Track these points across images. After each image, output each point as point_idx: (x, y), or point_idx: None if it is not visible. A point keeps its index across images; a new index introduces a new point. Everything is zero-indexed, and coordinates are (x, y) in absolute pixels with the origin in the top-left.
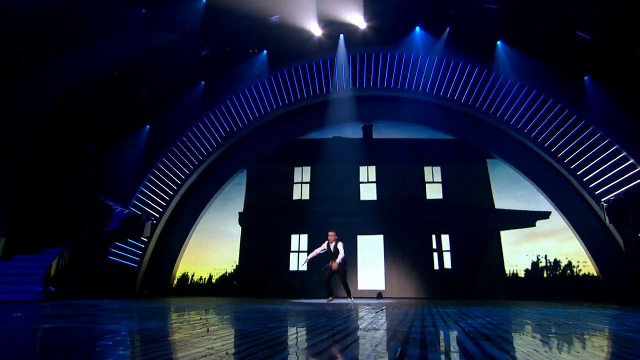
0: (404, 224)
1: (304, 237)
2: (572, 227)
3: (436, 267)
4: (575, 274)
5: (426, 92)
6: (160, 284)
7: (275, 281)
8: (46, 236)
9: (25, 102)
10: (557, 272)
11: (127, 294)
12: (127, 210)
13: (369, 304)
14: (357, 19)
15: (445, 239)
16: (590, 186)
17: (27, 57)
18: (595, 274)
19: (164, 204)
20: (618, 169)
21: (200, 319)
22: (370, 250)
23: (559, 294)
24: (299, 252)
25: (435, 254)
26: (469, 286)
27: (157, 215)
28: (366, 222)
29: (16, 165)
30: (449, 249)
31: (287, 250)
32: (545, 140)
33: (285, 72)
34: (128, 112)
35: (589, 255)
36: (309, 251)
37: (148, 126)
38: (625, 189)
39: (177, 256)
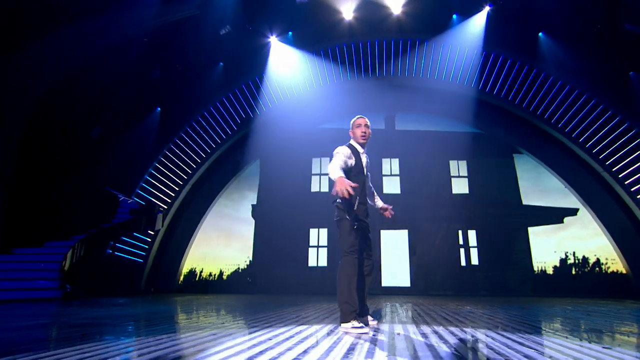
0: (429, 218)
1: (324, 231)
2: (601, 224)
3: (463, 263)
4: (604, 271)
5: (456, 84)
6: (166, 281)
7: (292, 277)
8: (48, 228)
9: (25, 76)
10: (586, 269)
11: (133, 292)
12: (135, 201)
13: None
14: (393, 3)
15: (472, 234)
16: (626, 183)
17: (29, 26)
18: (625, 272)
19: (173, 195)
20: None
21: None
22: (394, 246)
23: (588, 291)
24: (318, 247)
25: (462, 250)
26: (497, 283)
27: (166, 207)
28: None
29: (10, 147)
30: (475, 244)
31: (306, 244)
32: (580, 135)
33: (314, 54)
34: (139, 92)
35: (618, 252)
36: (328, 246)
37: (159, 109)
38: None
39: (185, 251)
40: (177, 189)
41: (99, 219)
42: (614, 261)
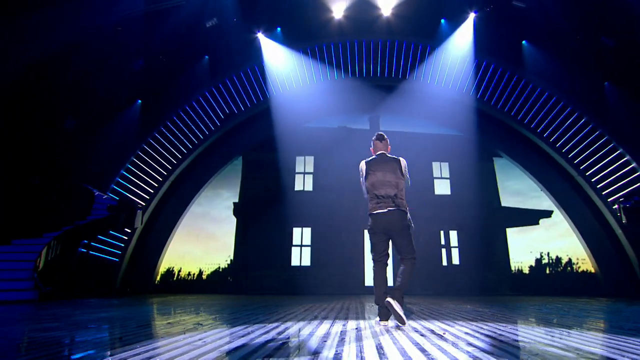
0: (412, 219)
1: (307, 231)
2: (573, 226)
3: (444, 263)
4: (575, 270)
5: (441, 87)
6: (142, 281)
7: (274, 277)
8: (15, 225)
9: None
10: (559, 269)
11: (109, 292)
12: (110, 197)
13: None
14: (384, 3)
15: (453, 235)
16: (598, 187)
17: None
18: (593, 271)
19: (152, 192)
20: (622, 171)
21: None
22: None
23: (561, 290)
24: (301, 246)
25: (444, 250)
26: (476, 282)
27: (144, 204)
28: None
29: None
30: (457, 245)
31: (289, 244)
32: (557, 140)
33: (302, 51)
34: (119, 83)
35: (589, 253)
36: (312, 246)
37: (140, 101)
38: None
39: (163, 250)
40: (155, 185)
41: (73, 215)
42: (584, 261)
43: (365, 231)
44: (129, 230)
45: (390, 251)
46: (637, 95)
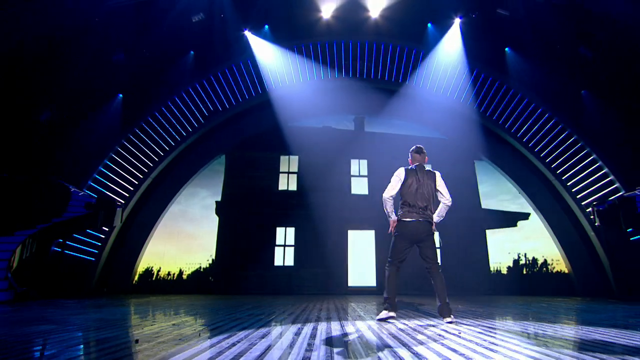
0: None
1: (291, 230)
2: (549, 228)
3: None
4: (549, 271)
5: (426, 90)
6: (119, 281)
7: (257, 277)
8: None
9: None
10: (535, 270)
11: (84, 292)
12: (86, 194)
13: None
14: (373, 5)
15: (435, 236)
16: (573, 190)
17: None
18: (567, 271)
19: (132, 189)
20: (595, 176)
21: None
22: (361, 246)
23: (537, 290)
24: (285, 246)
25: None
26: (457, 282)
27: (123, 202)
28: (357, 217)
29: None
30: (439, 246)
31: (272, 243)
32: (535, 145)
33: (288, 49)
34: (99, 76)
35: (563, 254)
36: (296, 246)
37: (121, 96)
38: (618, 196)
39: (142, 248)
40: (136, 182)
41: (49, 213)
42: (558, 262)
43: (349, 231)
44: (107, 229)
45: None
46: (611, 104)
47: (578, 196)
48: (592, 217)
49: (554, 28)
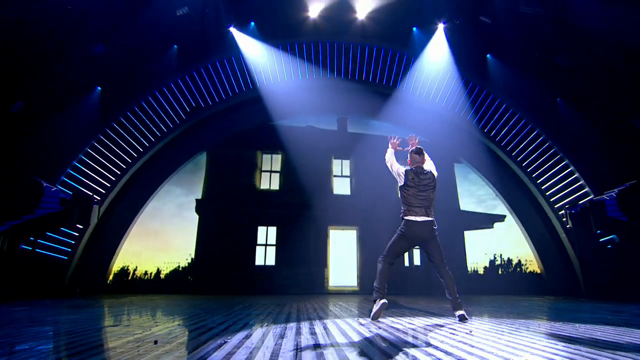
0: (376, 220)
1: (272, 230)
2: (523, 229)
3: (406, 263)
4: (523, 271)
5: (408, 93)
6: (93, 280)
7: (237, 277)
8: None
9: None
10: (510, 270)
11: (56, 292)
12: (59, 189)
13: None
14: (361, 7)
15: None
16: (547, 194)
17: None
18: (539, 271)
19: (109, 185)
20: (567, 180)
21: None
22: (343, 246)
23: (511, 290)
24: (266, 245)
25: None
26: (436, 282)
27: (99, 198)
28: (339, 217)
29: None
30: (418, 247)
31: (253, 243)
32: (513, 150)
33: (274, 47)
34: (76, 67)
35: (536, 254)
36: (277, 245)
37: (99, 88)
38: (589, 200)
39: (117, 247)
40: (113, 178)
41: (19, 209)
42: (531, 262)
43: (331, 231)
44: (81, 227)
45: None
46: (584, 112)
47: (551, 199)
48: (564, 219)
49: (533, 37)
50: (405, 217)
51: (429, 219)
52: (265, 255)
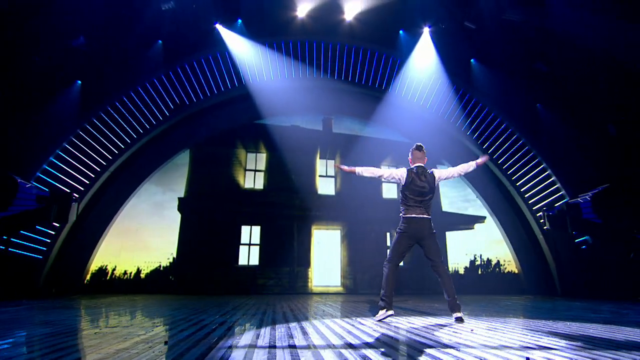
0: (361, 221)
1: (257, 229)
2: (502, 231)
3: None
4: (502, 271)
5: (393, 94)
6: (69, 280)
7: (220, 277)
8: None
9: None
10: (489, 270)
11: (31, 293)
12: (34, 185)
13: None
14: (349, 8)
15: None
16: (526, 196)
17: None
18: (517, 272)
19: (87, 182)
20: (545, 183)
21: None
22: (327, 246)
23: (490, 290)
24: (249, 244)
25: (389, 251)
26: (418, 282)
27: (77, 195)
28: (323, 217)
29: None
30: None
31: (237, 242)
32: (494, 152)
33: (260, 46)
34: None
35: (514, 255)
36: (261, 245)
37: (80, 82)
38: (565, 202)
39: (96, 246)
40: (92, 175)
41: None
42: (509, 263)
43: (315, 231)
44: (57, 225)
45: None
46: (562, 118)
47: (530, 202)
48: (542, 221)
49: (516, 43)
50: (405, 215)
51: (428, 216)
52: (248, 255)
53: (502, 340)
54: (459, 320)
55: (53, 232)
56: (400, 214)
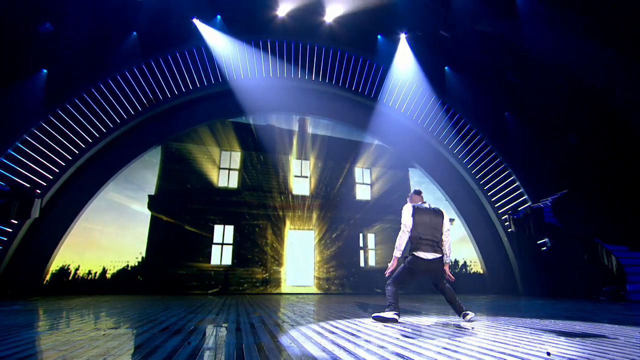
0: (334, 221)
1: (230, 229)
2: (469, 232)
3: (362, 264)
4: (468, 272)
5: (370, 98)
6: (27, 281)
7: (192, 276)
8: None
9: None
10: (456, 270)
11: None
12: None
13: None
14: (330, 11)
15: (371, 237)
16: (492, 200)
17: None
18: (482, 272)
19: (51, 177)
20: (510, 188)
21: None
22: (301, 246)
23: (458, 289)
24: (222, 244)
25: (362, 252)
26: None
27: (40, 191)
28: (298, 217)
29: None
30: (374, 247)
31: (209, 241)
32: (464, 157)
33: (238, 43)
34: (18, 45)
35: (480, 256)
36: (234, 244)
37: (45, 71)
38: (528, 206)
39: (57, 245)
40: (56, 170)
41: None
42: (475, 263)
43: (289, 232)
44: (17, 222)
45: None
46: (527, 126)
47: (496, 205)
48: (507, 223)
49: (487, 53)
50: (414, 253)
51: (438, 255)
52: (221, 255)
53: (508, 337)
54: (468, 317)
55: (10, 230)
56: (409, 249)
